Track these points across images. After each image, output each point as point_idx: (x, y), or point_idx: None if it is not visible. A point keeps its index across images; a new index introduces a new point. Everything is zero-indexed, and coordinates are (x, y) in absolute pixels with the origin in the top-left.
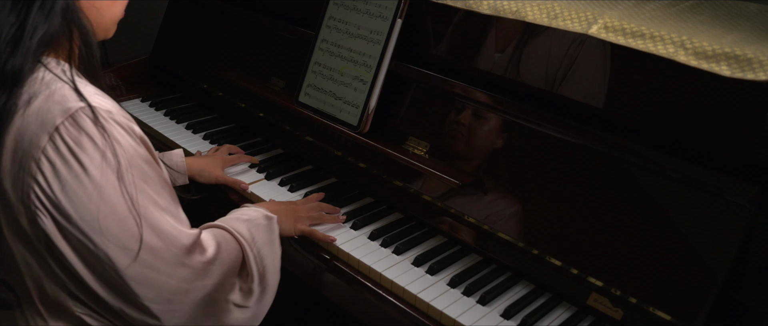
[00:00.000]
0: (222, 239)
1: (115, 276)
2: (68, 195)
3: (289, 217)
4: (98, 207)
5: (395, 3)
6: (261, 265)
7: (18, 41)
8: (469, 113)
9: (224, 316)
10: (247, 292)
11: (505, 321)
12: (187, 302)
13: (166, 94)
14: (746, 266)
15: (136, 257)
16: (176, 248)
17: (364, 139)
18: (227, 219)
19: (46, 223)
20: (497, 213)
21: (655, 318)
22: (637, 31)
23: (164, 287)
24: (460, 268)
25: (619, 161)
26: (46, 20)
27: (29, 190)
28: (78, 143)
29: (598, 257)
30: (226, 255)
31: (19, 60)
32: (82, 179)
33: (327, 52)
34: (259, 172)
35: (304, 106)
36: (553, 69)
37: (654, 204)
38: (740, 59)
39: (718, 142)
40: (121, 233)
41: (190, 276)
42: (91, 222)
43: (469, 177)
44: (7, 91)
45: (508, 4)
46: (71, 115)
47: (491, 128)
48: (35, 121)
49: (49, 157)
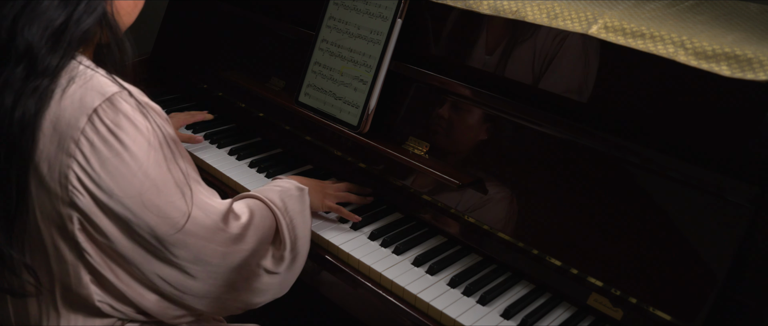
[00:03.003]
0: (255, 207)
1: (156, 243)
2: (110, 171)
3: (318, 193)
4: (141, 182)
5: (395, 3)
6: (293, 233)
7: (61, 35)
8: (470, 113)
9: (255, 280)
10: (278, 259)
11: (505, 321)
12: (224, 265)
13: (166, 93)
14: (746, 266)
15: (180, 227)
16: (215, 215)
17: (364, 139)
18: (261, 189)
19: (83, 202)
20: (497, 213)
21: (655, 318)
22: (637, 31)
23: (203, 250)
24: (460, 268)
25: (619, 161)
26: (89, 16)
27: (68, 170)
28: (116, 123)
29: (598, 257)
30: (260, 222)
31: (59, 54)
32: (123, 156)
33: (327, 52)
34: (260, 172)
35: (304, 106)
36: (552, 68)
37: (654, 204)
38: (740, 59)
39: (718, 142)
40: (163, 205)
41: (228, 239)
42: (134, 196)
43: (469, 178)
44: (44, 80)
45: (508, 4)
46: (108, 98)
47: (491, 128)
48: (73, 105)
49: (89, 137)
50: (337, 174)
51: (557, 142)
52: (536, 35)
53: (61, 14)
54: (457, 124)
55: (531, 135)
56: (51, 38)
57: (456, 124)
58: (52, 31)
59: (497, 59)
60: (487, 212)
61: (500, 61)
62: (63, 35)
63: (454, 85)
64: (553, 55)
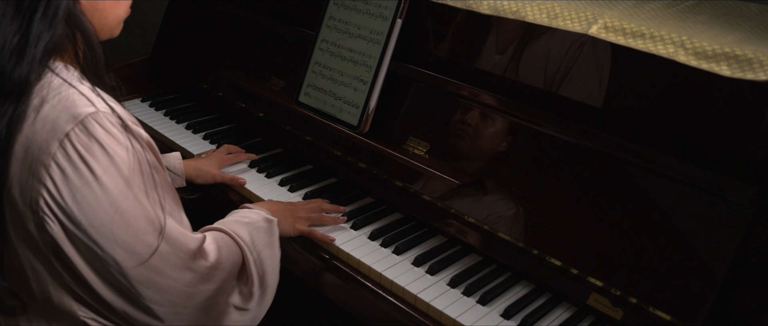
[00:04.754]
0: (222, 243)
1: (122, 279)
2: (78, 202)
3: (288, 218)
4: (109, 215)
5: (395, 3)
6: (260, 268)
7: (22, 50)
8: (469, 113)
9: (224, 318)
10: (247, 295)
11: (505, 321)
12: (189, 305)
13: (166, 94)
14: (746, 266)
15: (145, 262)
16: (183, 253)
17: (364, 139)
18: (227, 221)
19: (53, 229)
20: (497, 213)
21: (655, 318)
22: (637, 31)
23: (169, 290)
24: (460, 268)
25: (619, 161)
26: (49, 27)
27: (38, 196)
28: (88, 150)
29: (598, 257)
30: (227, 260)
31: (24, 69)
32: (92, 186)
33: (327, 52)
34: (259, 172)
35: (304, 106)
36: (553, 69)
37: (654, 204)
38: (740, 59)
39: (718, 142)
40: (130, 239)
41: (194, 280)
42: (101, 228)
43: (469, 178)
44: (14, 102)
45: (508, 4)
46: (81, 121)
47: (491, 128)
48: (45, 128)
49: (60, 163)
50: (337, 174)
51: (557, 142)
52: (537, 36)
53: (17, 31)
54: (457, 124)
55: (531, 135)
56: (13, 55)
57: (456, 124)
58: (11, 50)
59: (497, 59)
60: (487, 212)
61: (500, 61)
62: (25, 52)
63: (454, 85)
64: (553, 56)
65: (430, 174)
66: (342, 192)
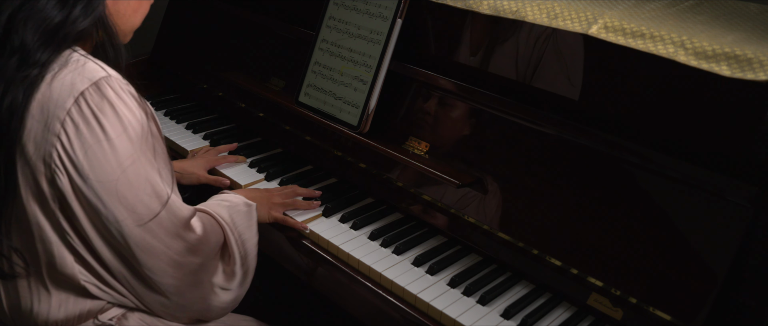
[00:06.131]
0: (206, 220)
1: (120, 238)
2: (89, 157)
3: (264, 205)
4: (115, 173)
5: (395, 3)
6: (243, 249)
7: (55, 33)
8: (470, 113)
9: (211, 298)
10: (229, 275)
11: (505, 321)
12: (179, 276)
13: (166, 93)
14: (746, 266)
15: (144, 224)
16: (178, 220)
17: (364, 139)
18: (209, 203)
19: (62, 182)
20: (497, 212)
21: (655, 318)
22: (637, 31)
23: (161, 256)
24: (460, 268)
25: (619, 161)
26: (84, 19)
27: (52, 149)
28: (101, 109)
29: (598, 257)
30: (211, 235)
31: (50, 50)
32: (102, 143)
33: (327, 52)
34: (260, 172)
35: (304, 106)
36: (553, 70)
37: (654, 204)
38: (740, 59)
39: (718, 142)
40: (132, 198)
41: (183, 249)
42: (107, 184)
43: (469, 177)
44: (34, 72)
45: (508, 4)
46: (95, 83)
47: (492, 128)
48: (62, 87)
49: (74, 118)
50: (337, 174)
51: (558, 141)
52: (538, 36)
53: (58, 14)
54: (457, 124)
55: (531, 135)
56: (44, 35)
57: (456, 123)
58: (47, 29)
59: (497, 59)
60: (487, 212)
61: (500, 61)
62: (57, 33)
63: (455, 85)
64: (554, 56)
65: (430, 174)
66: (342, 192)
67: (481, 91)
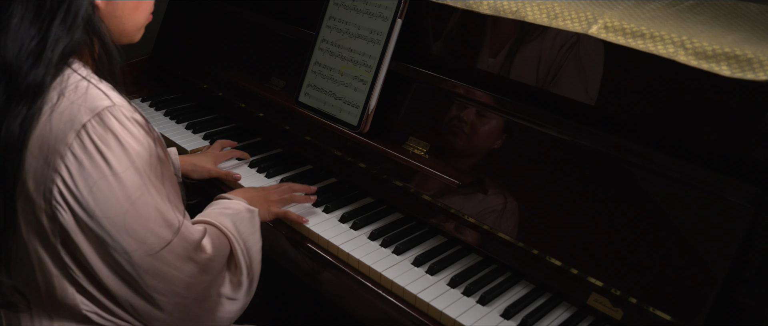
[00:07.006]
0: (213, 235)
1: (129, 268)
2: (93, 192)
3: (263, 203)
4: (123, 207)
5: (395, 3)
6: (248, 257)
7: (39, 54)
8: (469, 113)
9: (218, 309)
10: (236, 285)
11: (505, 321)
12: (189, 296)
13: (166, 94)
14: (746, 266)
15: (155, 253)
16: (189, 244)
17: (364, 139)
18: (211, 213)
19: (65, 218)
20: (497, 213)
21: (655, 318)
22: (637, 31)
23: (173, 280)
24: (460, 268)
25: (619, 161)
26: (67, 33)
27: (52, 185)
28: (105, 141)
29: (598, 257)
30: (220, 251)
31: (40, 72)
32: (108, 178)
33: (327, 52)
34: (260, 172)
35: (304, 106)
36: (553, 69)
37: (654, 204)
38: (740, 59)
39: (718, 142)
40: (142, 230)
41: (195, 271)
42: (114, 219)
43: (469, 177)
44: (28, 103)
45: (507, 4)
46: (98, 114)
47: (491, 128)
48: (62, 120)
49: (76, 153)
50: (337, 174)
51: (558, 142)
52: (538, 36)
53: (35, 35)
54: (457, 124)
55: (531, 135)
56: (30, 58)
57: (456, 124)
58: (28, 53)
59: (497, 59)
60: (487, 212)
61: (500, 61)
62: (42, 56)
63: (454, 85)
64: (554, 56)
65: (429, 174)
66: (342, 192)
67: (482, 91)
